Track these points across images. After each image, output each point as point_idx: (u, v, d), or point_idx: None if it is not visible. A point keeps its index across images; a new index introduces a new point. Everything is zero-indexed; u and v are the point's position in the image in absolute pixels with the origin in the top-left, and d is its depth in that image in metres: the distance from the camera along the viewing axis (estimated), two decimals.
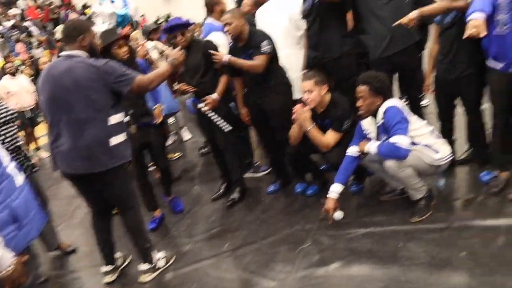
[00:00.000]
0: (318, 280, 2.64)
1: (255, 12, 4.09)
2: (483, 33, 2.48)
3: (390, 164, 2.92)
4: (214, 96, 3.70)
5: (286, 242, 3.13)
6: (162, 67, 3.03)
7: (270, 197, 3.91)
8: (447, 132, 3.42)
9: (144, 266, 3.07)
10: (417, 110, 3.67)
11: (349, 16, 3.70)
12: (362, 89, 3.00)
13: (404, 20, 3.00)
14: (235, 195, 3.95)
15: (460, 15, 2.93)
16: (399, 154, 2.86)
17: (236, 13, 3.60)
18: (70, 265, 3.63)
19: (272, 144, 3.88)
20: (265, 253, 3.06)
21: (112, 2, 9.02)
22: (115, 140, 2.72)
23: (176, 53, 3.03)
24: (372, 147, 3.00)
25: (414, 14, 2.98)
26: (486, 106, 3.21)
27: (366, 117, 3.12)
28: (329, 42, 3.59)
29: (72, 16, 17.55)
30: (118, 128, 2.75)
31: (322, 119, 3.37)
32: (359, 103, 3.05)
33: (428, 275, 2.43)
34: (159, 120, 3.73)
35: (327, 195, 3.17)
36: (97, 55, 2.88)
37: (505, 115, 3.00)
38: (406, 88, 3.85)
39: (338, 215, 3.13)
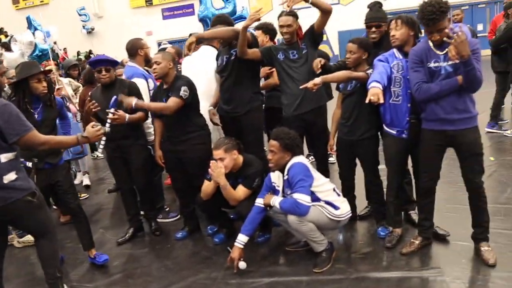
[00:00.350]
0: None
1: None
2: (381, 100, 2.77)
3: (292, 218, 3.06)
4: (125, 114, 3.57)
5: None
6: (68, 137, 2.89)
7: (178, 243, 3.85)
8: (347, 189, 3.66)
9: None
10: (324, 166, 3.92)
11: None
12: (273, 143, 3.16)
13: (309, 84, 3.25)
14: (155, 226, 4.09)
15: (360, 84, 3.26)
16: (300, 211, 3.02)
17: (166, 54, 3.69)
18: None
19: (185, 191, 3.91)
20: None
21: (33, 33, 8.73)
22: (9, 177, 2.57)
23: (93, 132, 2.80)
24: (276, 201, 3.13)
25: (317, 80, 3.25)
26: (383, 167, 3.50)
27: (275, 170, 3.26)
28: (240, 98, 3.80)
29: None
30: (11, 166, 2.59)
31: (235, 177, 3.47)
32: (269, 157, 3.19)
33: None
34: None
35: (234, 244, 3.21)
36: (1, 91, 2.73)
37: (398, 177, 3.31)
38: (315, 146, 4.09)
39: (242, 265, 3.17)
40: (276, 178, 3.29)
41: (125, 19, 20.29)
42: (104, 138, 2.94)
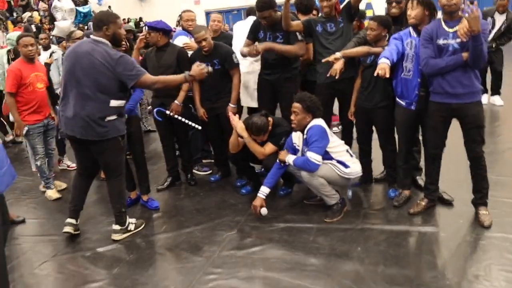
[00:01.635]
0: (237, 259, 3.10)
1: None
2: (387, 75, 3.11)
3: (304, 173, 3.47)
4: (177, 102, 4.22)
5: (215, 229, 3.58)
6: (177, 76, 3.47)
7: (209, 192, 4.37)
8: (364, 152, 4.01)
9: (117, 227, 3.53)
10: (349, 133, 4.28)
11: (310, 47, 4.32)
12: (296, 105, 3.54)
13: (330, 58, 3.62)
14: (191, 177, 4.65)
15: (378, 59, 3.56)
16: (310, 168, 3.44)
17: (205, 28, 4.19)
18: (16, 234, 3.89)
19: (219, 142, 4.46)
20: (196, 235, 3.50)
21: None
22: (110, 117, 3.20)
23: (198, 71, 3.40)
24: (290, 159, 3.55)
25: (338, 54, 3.62)
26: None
27: (297, 130, 3.65)
28: (282, 68, 4.25)
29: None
30: (116, 110, 3.23)
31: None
32: (292, 117, 3.58)
33: (327, 262, 2.95)
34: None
35: (257, 195, 3.68)
36: (119, 45, 3.35)
37: (406, 144, 3.64)
38: (343, 113, 4.42)
39: (264, 211, 3.62)
40: (296, 138, 3.69)
41: None
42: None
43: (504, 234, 3.10)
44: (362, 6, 4.19)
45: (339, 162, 3.51)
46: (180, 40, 4.74)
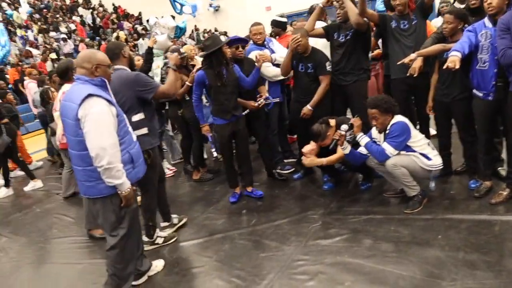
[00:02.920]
0: (323, 247, 3.36)
1: None
2: (457, 66, 3.21)
3: (389, 162, 3.64)
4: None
5: (301, 221, 3.87)
6: (169, 74, 3.64)
7: (292, 187, 4.69)
8: (443, 145, 4.09)
9: (145, 238, 3.70)
10: (426, 126, 4.39)
11: (374, 43, 4.52)
12: (373, 111, 3.71)
13: (406, 60, 3.77)
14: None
15: (449, 52, 3.63)
16: (381, 157, 3.64)
17: (304, 31, 4.42)
18: None
19: (304, 142, 4.56)
20: (283, 228, 3.82)
21: (180, 9, 9.96)
22: (138, 132, 3.27)
23: (173, 58, 3.72)
24: (363, 140, 3.74)
25: (412, 55, 3.77)
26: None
27: (381, 132, 3.80)
28: (352, 70, 4.44)
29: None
30: (140, 123, 3.38)
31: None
32: (373, 123, 3.75)
33: (408, 248, 3.13)
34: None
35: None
36: (134, 67, 3.64)
37: (486, 134, 3.68)
38: (418, 107, 4.52)
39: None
40: (376, 134, 3.87)
41: None
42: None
43: None
44: None
45: (421, 154, 3.65)
46: (254, 54, 4.97)
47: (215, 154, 4.90)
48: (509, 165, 3.60)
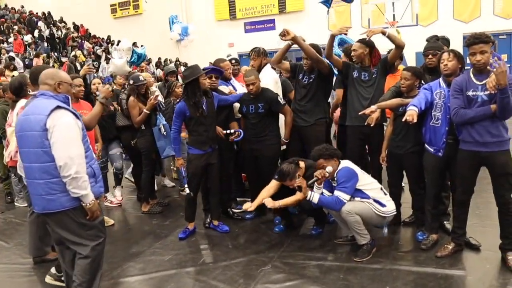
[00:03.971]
0: None
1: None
2: (415, 120, 3.36)
3: (343, 209, 3.66)
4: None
5: (250, 263, 3.79)
6: (95, 106, 3.50)
7: (243, 227, 4.62)
8: (394, 196, 4.18)
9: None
10: (379, 175, 4.48)
11: (340, 92, 4.65)
12: (320, 161, 3.79)
13: (366, 111, 3.89)
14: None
15: (407, 107, 3.78)
16: (337, 206, 3.67)
17: (255, 73, 4.51)
18: None
19: (257, 183, 4.62)
20: (232, 269, 3.72)
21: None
22: None
23: (104, 90, 3.58)
24: (314, 197, 3.74)
25: (373, 107, 3.90)
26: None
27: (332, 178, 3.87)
28: (311, 112, 4.53)
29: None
30: None
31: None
32: (320, 175, 3.74)
33: None
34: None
35: None
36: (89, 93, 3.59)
37: (435, 188, 3.81)
38: (372, 157, 4.62)
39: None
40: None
41: (210, 30, 21.70)
42: None
43: None
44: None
45: (375, 201, 3.71)
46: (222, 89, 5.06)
47: (187, 190, 4.57)
48: (455, 220, 3.72)
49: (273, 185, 4.11)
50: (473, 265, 3.51)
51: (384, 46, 4.55)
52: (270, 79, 4.81)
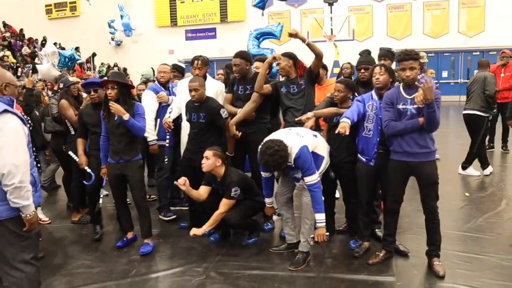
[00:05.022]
0: None
1: None
2: (347, 133, 3.44)
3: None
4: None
5: (184, 274, 3.70)
6: None
7: (179, 238, 4.49)
8: (328, 206, 4.21)
9: None
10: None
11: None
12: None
13: (303, 117, 3.94)
14: None
15: (339, 118, 3.87)
16: (320, 193, 3.67)
17: (202, 81, 4.37)
18: None
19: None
20: (165, 280, 3.62)
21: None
22: None
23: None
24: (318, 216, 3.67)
25: (309, 114, 3.95)
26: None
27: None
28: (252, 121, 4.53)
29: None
30: None
31: (221, 185, 4.13)
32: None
33: None
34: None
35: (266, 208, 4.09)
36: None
37: (366, 197, 3.91)
38: None
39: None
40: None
41: (151, 36, 21.31)
42: None
43: (455, 284, 3.36)
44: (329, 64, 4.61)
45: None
46: (148, 96, 4.99)
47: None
48: (385, 228, 3.84)
49: (203, 191, 4.13)
50: (402, 271, 3.62)
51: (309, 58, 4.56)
52: (212, 90, 4.70)
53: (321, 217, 3.66)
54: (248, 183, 4.18)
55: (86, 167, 4.44)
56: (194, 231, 3.91)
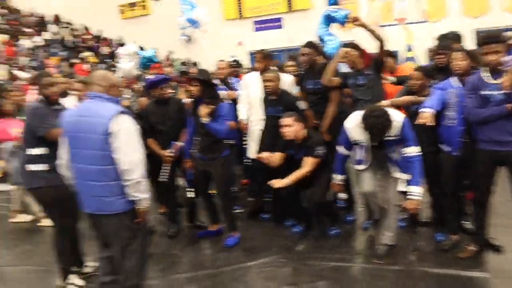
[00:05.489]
0: None
1: None
2: (430, 123, 3.32)
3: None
4: None
5: (270, 265, 3.80)
6: None
7: (259, 229, 4.61)
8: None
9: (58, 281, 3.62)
10: None
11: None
12: None
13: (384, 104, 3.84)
14: None
15: (419, 107, 3.74)
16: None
17: (277, 74, 4.45)
18: None
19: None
20: (252, 271, 3.75)
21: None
22: (34, 167, 3.41)
23: None
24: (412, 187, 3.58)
25: (386, 102, 3.87)
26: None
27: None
28: None
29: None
30: (38, 158, 3.40)
31: (301, 148, 4.10)
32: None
33: None
34: None
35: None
36: (50, 101, 3.51)
37: (452, 188, 3.76)
38: None
39: (343, 195, 3.94)
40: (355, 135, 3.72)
41: (219, 30, 21.62)
42: None
43: None
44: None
45: None
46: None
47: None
48: (474, 221, 3.68)
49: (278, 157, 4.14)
50: (496, 267, 3.47)
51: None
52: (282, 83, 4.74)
53: (417, 190, 3.54)
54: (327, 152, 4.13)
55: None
56: (276, 182, 3.93)
